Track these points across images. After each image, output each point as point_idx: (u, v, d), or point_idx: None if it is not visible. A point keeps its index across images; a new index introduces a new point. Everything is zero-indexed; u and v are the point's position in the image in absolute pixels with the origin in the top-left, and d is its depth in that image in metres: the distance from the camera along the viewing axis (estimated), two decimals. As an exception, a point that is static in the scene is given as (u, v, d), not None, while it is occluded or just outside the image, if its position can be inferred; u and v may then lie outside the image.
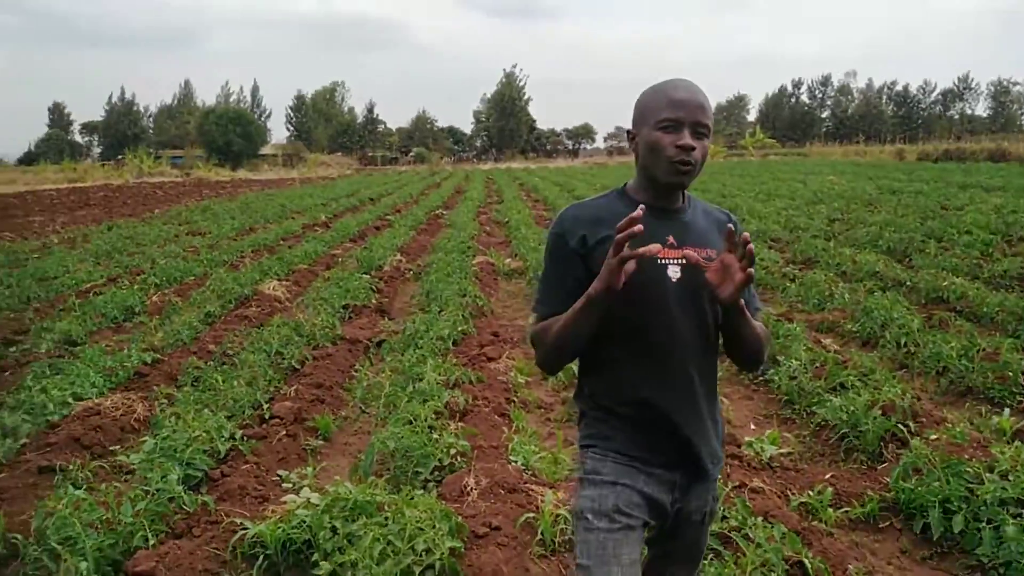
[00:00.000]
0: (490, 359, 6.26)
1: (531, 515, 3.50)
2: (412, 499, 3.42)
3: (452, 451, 4.21)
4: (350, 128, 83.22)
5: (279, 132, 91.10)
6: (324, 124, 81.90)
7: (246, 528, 3.36)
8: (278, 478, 4.22)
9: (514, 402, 5.43)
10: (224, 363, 6.14)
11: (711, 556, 3.21)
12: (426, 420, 4.50)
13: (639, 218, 1.57)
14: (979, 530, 3.35)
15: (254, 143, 65.78)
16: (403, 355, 6.19)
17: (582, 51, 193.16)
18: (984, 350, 5.63)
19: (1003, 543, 3.22)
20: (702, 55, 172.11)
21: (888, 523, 3.71)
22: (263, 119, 79.49)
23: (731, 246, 1.71)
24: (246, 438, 4.67)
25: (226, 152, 61.34)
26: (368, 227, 16.56)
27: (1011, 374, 5.19)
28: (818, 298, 8.12)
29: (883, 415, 4.50)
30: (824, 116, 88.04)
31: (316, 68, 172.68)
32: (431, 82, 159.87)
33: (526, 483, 3.87)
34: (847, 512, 3.77)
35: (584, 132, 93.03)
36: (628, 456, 1.86)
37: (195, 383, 5.69)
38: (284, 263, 11.14)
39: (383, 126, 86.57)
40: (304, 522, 3.34)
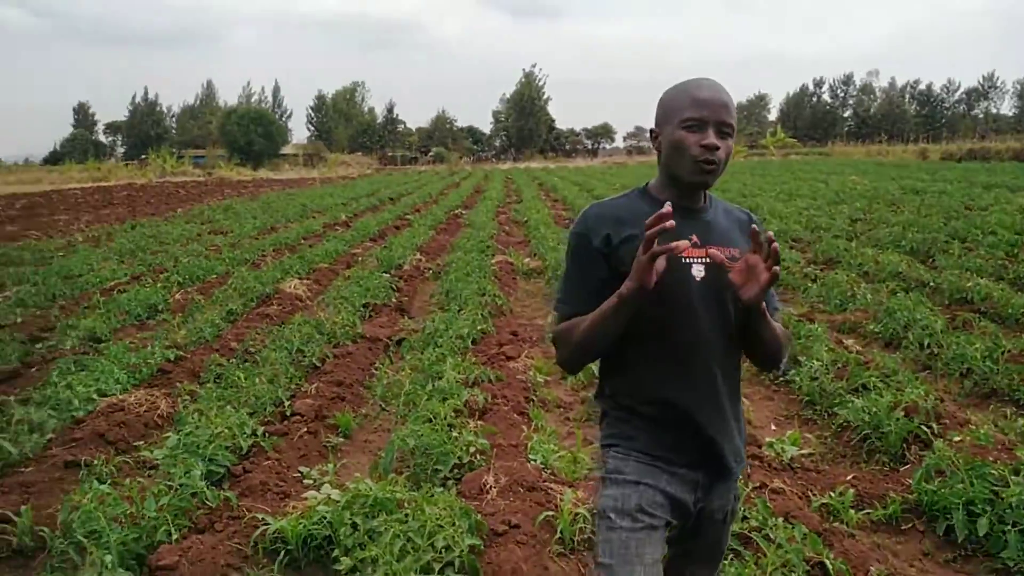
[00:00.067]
0: (509, 358, 6.27)
1: (550, 514, 3.51)
2: (432, 496, 3.44)
3: (471, 449, 4.23)
4: (370, 128, 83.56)
5: (300, 132, 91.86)
6: (344, 124, 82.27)
7: (267, 524, 3.39)
8: (299, 474, 4.26)
9: (533, 401, 5.44)
10: (246, 360, 6.20)
11: (731, 556, 3.19)
12: (445, 418, 4.51)
13: (670, 214, 1.57)
14: (1004, 533, 3.31)
15: (275, 143, 66.19)
16: (423, 353, 6.21)
17: (601, 50, 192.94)
18: (1009, 352, 5.57)
19: (1029, 546, 3.18)
20: (721, 55, 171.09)
21: (911, 525, 3.67)
22: (284, 119, 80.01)
23: (756, 246, 1.70)
24: (267, 435, 4.71)
25: (247, 152, 61.79)
26: (388, 226, 16.63)
27: (1037, 376, 5.12)
28: (840, 298, 8.05)
29: (906, 416, 4.46)
30: (846, 115, 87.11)
31: (337, 68, 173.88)
32: (451, 82, 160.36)
33: (545, 482, 3.87)
34: (869, 513, 3.73)
35: (603, 132, 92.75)
36: (651, 455, 1.85)
37: (217, 380, 5.74)
38: (305, 262, 11.21)
39: (403, 126, 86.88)
40: (325, 518, 3.37)
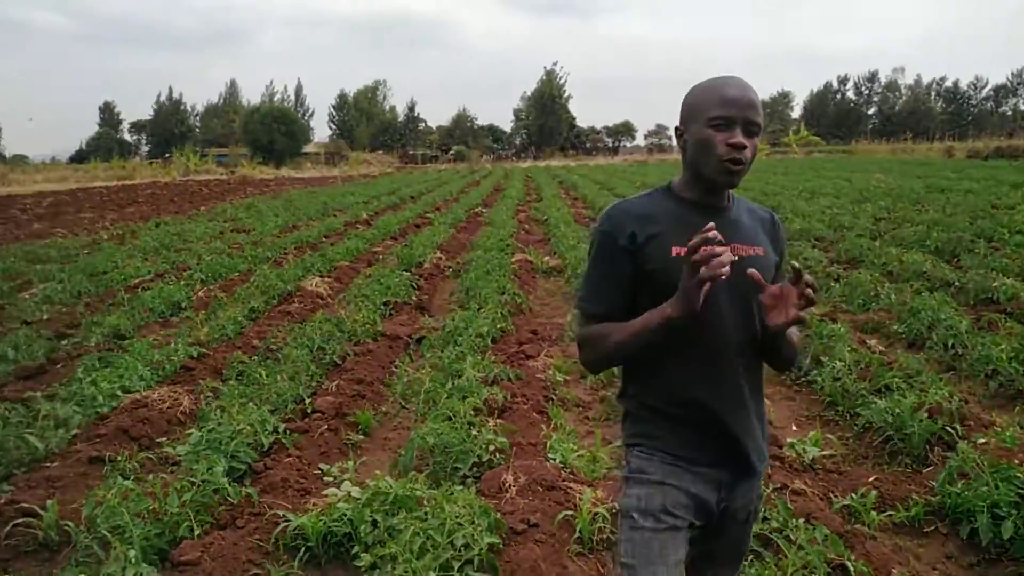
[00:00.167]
0: (529, 357, 6.27)
1: (569, 513, 3.51)
2: (451, 495, 3.45)
3: (491, 448, 4.24)
4: (391, 126, 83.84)
5: (322, 130, 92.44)
6: (366, 122, 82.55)
7: (288, 520, 3.42)
8: (320, 471, 4.29)
9: (552, 400, 5.43)
10: (268, 358, 6.25)
11: (752, 558, 3.17)
12: (465, 417, 4.53)
13: (715, 235, 1.58)
14: (1030, 537, 3.27)
15: (297, 141, 66.67)
16: (442, 352, 6.23)
17: (622, 48, 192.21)
18: (1036, 353, 5.48)
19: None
20: (743, 51, 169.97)
21: (934, 528, 3.63)
22: (306, 118, 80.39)
23: (795, 279, 1.70)
24: (289, 432, 4.75)
25: (270, 150, 62.26)
26: (408, 225, 16.67)
27: (1064, 378, 5.05)
28: (863, 298, 7.97)
29: (929, 418, 4.40)
30: (870, 113, 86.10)
31: (358, 67, 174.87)
32: (472, 80, 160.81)
33: (564, 481, 3.87)
34: (891, 516, 3.69)
35: (624, 130, 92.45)
36: (675, 455, 1.84)
37: (239, 377, 5.79)
38: (326, 260, 11.27)
39: (423, 124, 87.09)
40: (345, 515, 3.40)
